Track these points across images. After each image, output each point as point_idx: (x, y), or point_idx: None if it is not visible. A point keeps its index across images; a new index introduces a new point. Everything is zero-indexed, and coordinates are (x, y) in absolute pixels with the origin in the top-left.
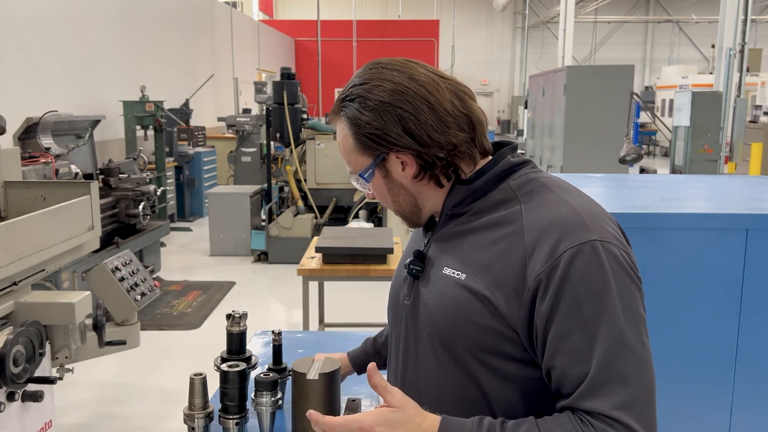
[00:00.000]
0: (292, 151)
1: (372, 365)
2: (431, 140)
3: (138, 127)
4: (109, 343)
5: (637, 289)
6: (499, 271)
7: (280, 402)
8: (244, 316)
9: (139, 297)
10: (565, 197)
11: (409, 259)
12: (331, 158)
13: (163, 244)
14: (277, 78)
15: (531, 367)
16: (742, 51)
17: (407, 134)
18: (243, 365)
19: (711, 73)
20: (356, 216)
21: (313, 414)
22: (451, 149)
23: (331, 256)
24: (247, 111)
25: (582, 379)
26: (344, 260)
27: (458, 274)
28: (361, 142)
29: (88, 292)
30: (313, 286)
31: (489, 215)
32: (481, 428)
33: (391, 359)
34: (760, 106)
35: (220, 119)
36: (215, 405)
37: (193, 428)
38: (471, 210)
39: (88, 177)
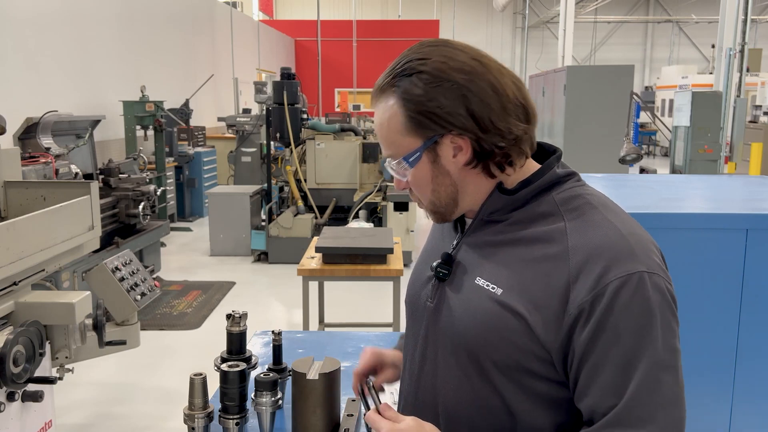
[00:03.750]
0: (292, 151)
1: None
2: (492, 126)
3: (138, 127)
4: (109, 343)
5: (676, 324)
6: (540, 292)
7: (280, 402)
8: (244, 316)
9: (139, 297)
10: (612, 219)
11: (436, 262)
12: (331, 158)
13: (163, 244)
14: (277, 78)
15: (559, 386)
16: (742, 51)
17: (469, 115)
18: (243, 365)
19: (711, 73)
20: (356, 216)
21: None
22: (512, 138)
23: (331, 256)
24: (247, 111)
25: (610, 411)
26: (344, 260)
27: (493, 288)
28: (415, 121)
29: (88, 292)
30: (313, 286)
31: (529, 228)
32: None
33: (407, 357)
34: (760, 106)
35: (220, 119)
36: (215, 405)
37: (193, 428)
38: (509, 219)
39: (88, 177)
